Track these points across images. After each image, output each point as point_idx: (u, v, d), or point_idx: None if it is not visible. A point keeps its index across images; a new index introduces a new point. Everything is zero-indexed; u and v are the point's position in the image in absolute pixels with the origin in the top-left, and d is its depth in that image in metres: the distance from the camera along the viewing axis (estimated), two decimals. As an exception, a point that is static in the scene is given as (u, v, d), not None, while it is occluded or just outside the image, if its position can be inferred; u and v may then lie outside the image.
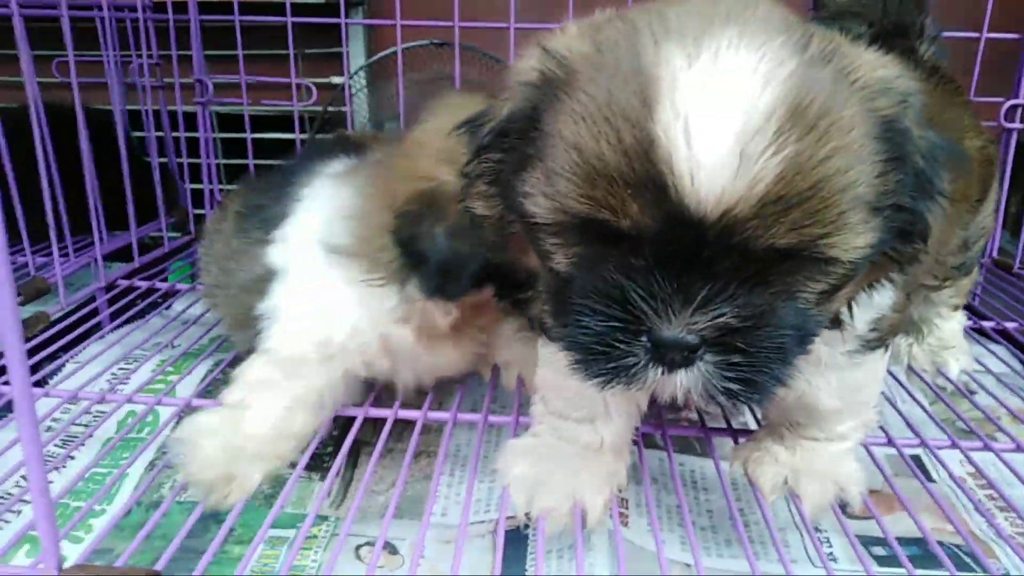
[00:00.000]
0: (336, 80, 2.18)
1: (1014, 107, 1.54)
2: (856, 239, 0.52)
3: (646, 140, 0.50)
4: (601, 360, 0.57)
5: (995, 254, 1.62)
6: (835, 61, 0.54)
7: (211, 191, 1.73)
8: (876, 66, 0.57)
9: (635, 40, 0.54)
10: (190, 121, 1.69)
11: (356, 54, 2.17)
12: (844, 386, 0.78)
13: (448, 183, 0.84)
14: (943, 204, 0.58)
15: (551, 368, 0.83)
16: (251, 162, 1.73)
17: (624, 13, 0.60)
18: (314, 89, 1.70)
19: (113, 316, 1.38)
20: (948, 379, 1.17)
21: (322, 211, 0.95)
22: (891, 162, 0.54)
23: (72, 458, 1.01)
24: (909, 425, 1.01)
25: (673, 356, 0.55)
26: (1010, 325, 1.35)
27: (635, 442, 0.92)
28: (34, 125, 1.21)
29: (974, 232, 1.02)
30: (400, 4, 1.58)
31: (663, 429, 0.97)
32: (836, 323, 0.66)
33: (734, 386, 0.56)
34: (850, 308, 0.66)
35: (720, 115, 0.49)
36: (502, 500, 0.83)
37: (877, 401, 0.87)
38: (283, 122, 1.79)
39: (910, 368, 1.20)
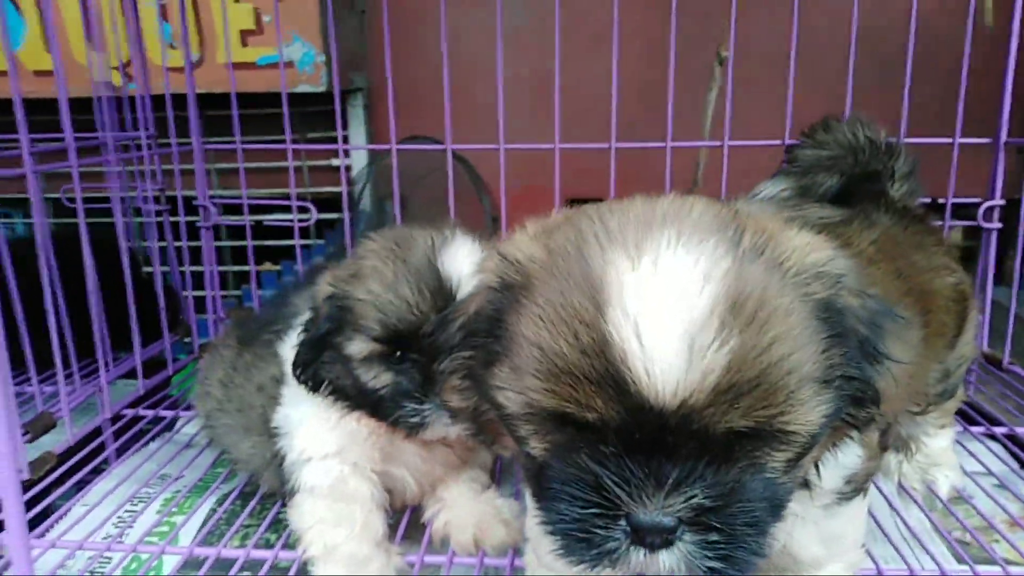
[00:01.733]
0: (336, 163, 2.27)
1: (991, 208, 1.59)
2: (809, 414, 0.56)
3: (601, 340, 0.54)
4: (583, 545, 0.60)
5: (985, 347, 1.65)
6: (768, 252, 0.59)
7: (215, 320, 1.78)
8: (808, 251, 0.61)
9: (582, 246, 0.60)
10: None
11: (357, 135, 2.28)
12: (825, 535, 0.81)
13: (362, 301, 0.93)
14: (890, 367, 0.63)
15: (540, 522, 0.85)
16: (252, 269, 1.78)
17: (573, 217, 0.65)
18: (313, 210, 1.75)
19: (119, 448, 1.41)
20: (937, 496, 1.19)
21: None
22: (833, 339, 0.59)
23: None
24: (896, 549, 1.03)
25: (653, 539, 0.57)
26: (998, 430, 1.37)
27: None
28: (41, 259, 1.25)
29: (953, 363, 1.05)
30: (395, 125, 1.65)
31: None
32: (804, 485, 0.70)
33: (716, 564, 0.58)
34: (816, 469, 0.69)
35: (666, 313, 0.54)
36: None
37: (862, 540, 0.88)
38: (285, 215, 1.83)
39: (900, 485, 1.21)
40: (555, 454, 0.61)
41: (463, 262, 0.91)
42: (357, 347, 0.93)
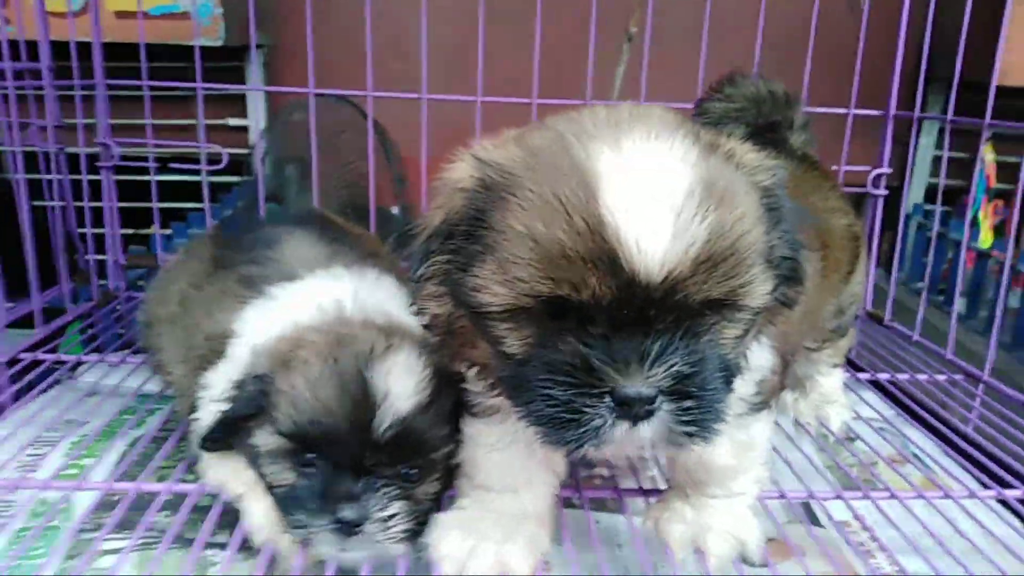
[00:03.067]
0: (233, 122, 2.19)
1: (879, 175, 1.73)
2: (762, 286, 0.64)
3: (596, 222, 0.59)
4: (570, 426, 0.65)
5: (869, 307, 1.79)
6: (720, 148, 0.68)
7: (115, 261, 1.69)
8: (747, 151, 0.71)
9: (563, 143, 0.64)
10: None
11: (255, 95, 2.19)
12: (737, 445, 0.88)
13: None
14: (807, 254, 0.72)
15: (475, 444, 0.88)
16: (155, 206, 1.71)
17: (540, 125, 0.70)
18: (225, 155, 1.69)
19: (16, 393, 1.33)
20: (829, 430, 1.29)
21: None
22: (774, 222, 0.67)
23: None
24: (797, 475, 1.12)
25: (637, 410, 0.63)
26: (882, 376, 1.50)
27: (555, 505, 0.98)
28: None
29: (846, 299, 1.15)
30: (312, 73, 1.61)
31: (580, 491, 1.04)
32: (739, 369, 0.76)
33: (691, 428, 0.65)
34: (745, 358, 0.76)
35: (652, 193, 0.60)
36: (433, 571, 0.87)
37: (766, 457, 0.96)
38: (184, 162, 1.76)
39: (796, 421, 1.32)
40: (536, 345, 0.66)
41: (396, 377, 0.84)
42: (264, 439, 0.87)
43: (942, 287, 2.11)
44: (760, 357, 0.79)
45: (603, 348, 0.62)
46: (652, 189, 0.60)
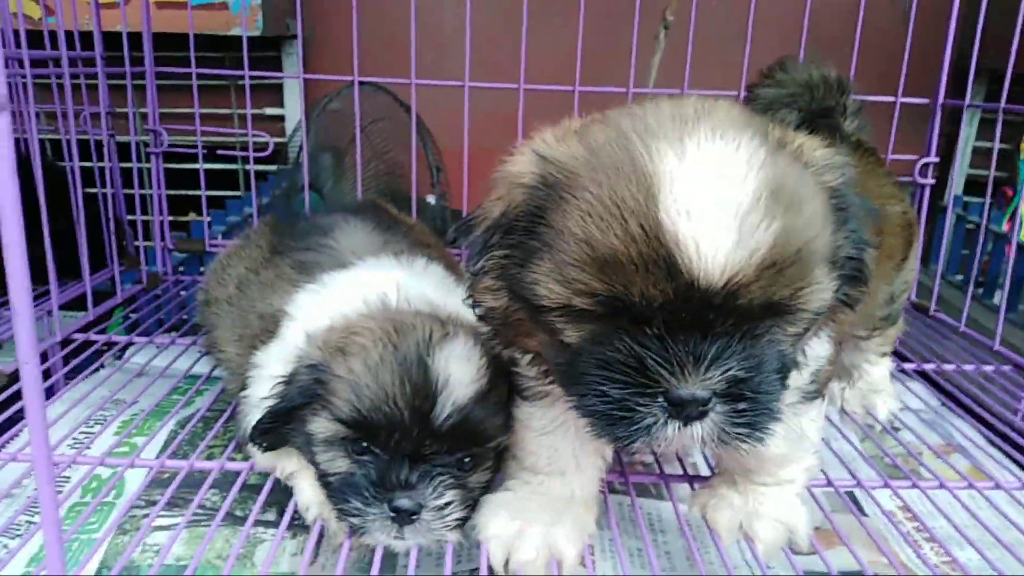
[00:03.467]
0: (270, 111, 2.21)
1: (926, 164, 1.69)
2: (825, 290, 0.63)
3: (654, 226, 0.59)
4: (623, 423, 0.65)
5: (913, 297, 1.77)
6: (788, 146, 0.65)
7: (163, 245, 1.73)
8: (815, 147, 0.68)
9: (625, 142, 0.63)
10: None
11: (290, 85, 2.21)
12: (789, 434, 0.86)
13: None
14: (872, 253, 0.70)
15: (525, 427, 0.89)
16: (204, 194, 1.74)
17: (603, 119, 0.68)
18: (271, 143, 1.71)
19: (68, 375, 1.36)
20: (876, 420, 1.28)
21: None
22: (840, 223, 0.66)
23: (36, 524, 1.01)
24: (843, 464, 1.11)
25: (690, 411, 0.63)
26: (928, 367, 1.48)
27: (600, 489, 0.98)
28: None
29: (898, 287, 1.14)
30: (340, 64, 1.61)
31: (625, 476, 1.04)
32: (796, 365, 0.75)
33: (743, 430, 0.65)
34: (804, 353, 0.75)
35: (716, 199, 0.59)
36: (481, 553, 0.88)
37: (817, 446, 0.95)
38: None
39: (843, 410, 1.30)
40: (593, 341, 0.65)
41: (456, 364, 0.83)
42: (321, 425, 0.85)
43: (980, 280, 2.06)
44: (819, 348, 0.78)
45: (658, 349, 0.62)
46: (715, 193, 0.59)
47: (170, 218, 1.92)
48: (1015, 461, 1.17)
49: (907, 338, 1.62)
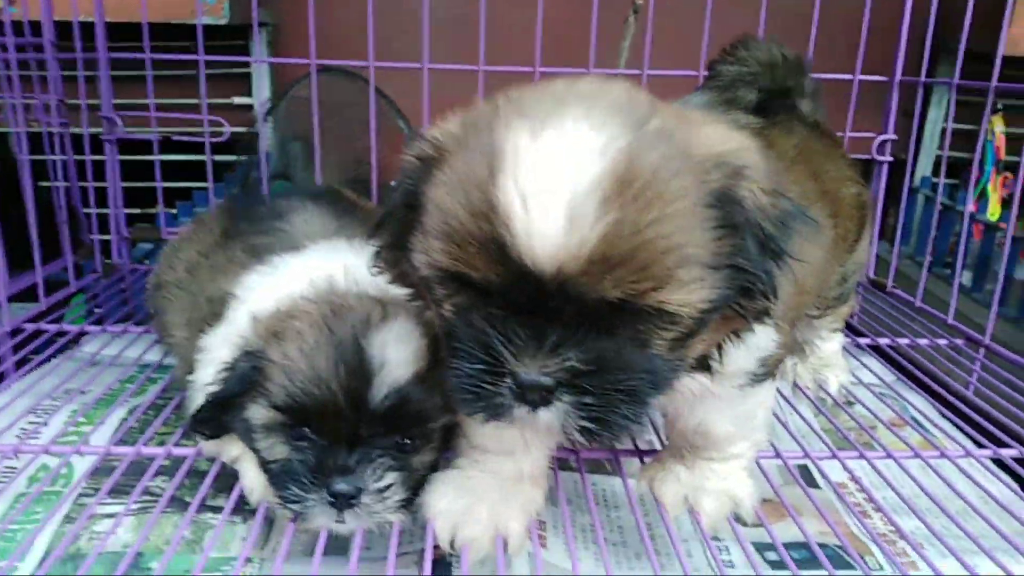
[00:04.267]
0: (239, 101, 2.18)
1: (884, 142, 1.71)
2: (690, 295, 0.60)
3: (489, 203, 0.58)
4: (475, 399, 0.65)
5: (872, 274, 1.78)
6: (674, 137, 0.61)
7: (118, 230, 1.70)
8: (716, 143, 0.63)
9: (493, 120, 0.62)
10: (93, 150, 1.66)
11: (260, 73, 2.18)
12: (737, 414, 0.87)
13: None
14: (791, 265, 0.66)
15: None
16: (159, 184, 1.71)
17: (496, 97, 0.67)
18: (227, 125, 1.69)
19: (18, 363, 1.34)
20: (828, 394, 1.29)
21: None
22: (726, 228, 0.61)
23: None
24: (794, 438, 1.12)
25: (532, 396, 0.62)
26: (882, 341, 1.50)
27: (550, 467, 0.98)
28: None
29: (851, 267, 1.14)
30: (315, 40, 1.60)
31: (576, 453, 1.04)
32: (705, 367, 0.75)
33: (589, 424, 0.64)
34: (720, 353, 0.73)
35: (552, 184, 0.57)
36: (427, 531, 0.87)
37: (766, 422, 0.95)
38: (189, 144, 1.77)
39: (795, 384, 1.31)
40: (458, 315, 0.66)
41: (393, 346, 0.82)
42: (258, 412, 0.84)
43: (949, 260, 2.09)
44: (762, 338, 0.76)
45: (503, 329, 0.61)
46: (554, 178, 0.56)
47: (136, 210, 1.89)
48: (965, 433, 1.18)
49: (863, 314, 1.64)
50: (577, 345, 0.60)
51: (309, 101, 1.67)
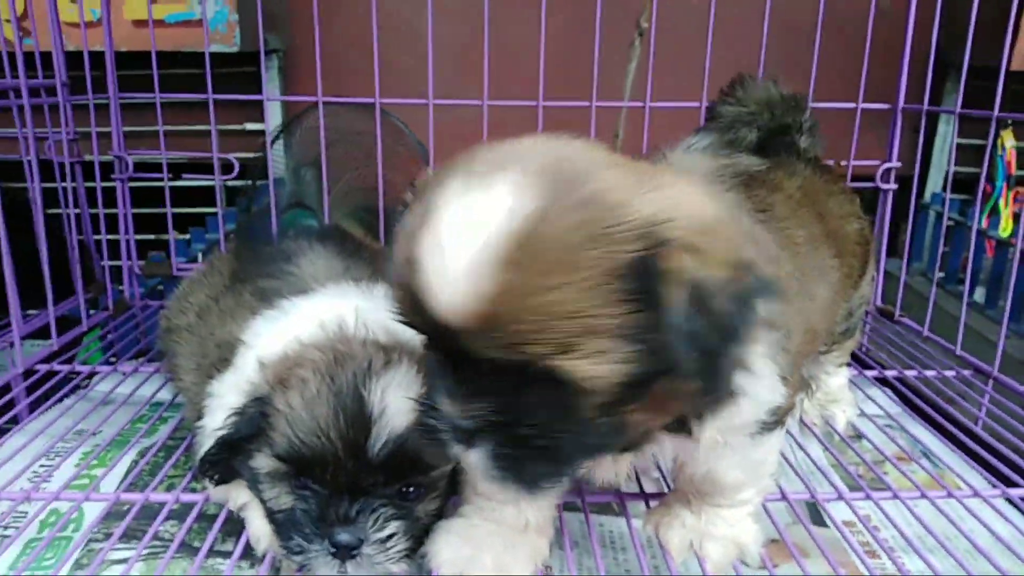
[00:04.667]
0: (251, 127, 2.21)
1: (888, 170, 1.71)
2: (595, 366, 0.58)
3: (414, 256, 0.61)
4: (426, 432, 0.71)
5: (879, 302, 1.78)
6: (594, 205, 0.59)
7: (129, 267, 1.72)
8: (649, 212, 0.59)
9: (442, 176, 0.64)
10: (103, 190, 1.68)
11: (271, 103, 2.20)
12: (747, 463, 0.87)
13: None
14: (749, 347, 0.63)
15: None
16: (172, 237, 1.74)
17: (466, 154, 0.68)
18: (235, 164, 1.72)
19: (32, 405, 1.36)
20: (835, 430, 1.29)
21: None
22: (641, 301, 0.58)
23: (-8, 562, 1.00)
24: (800, 477, 1.11)
25: (459, 436, 0.67)
26: (889, 373, 1.49)
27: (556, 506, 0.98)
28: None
29: (856, 302, 1.15)
30: (321, 78, 1.62)
31: (583, 496, 1.04)
32: (685, 431, 0.74)
33: (500, 472, 0.66)
34: (700, 418, 0.72)
35: (459, 241, 0.59)
36: (432, 581, 0.88)
37: (774, 468, 0.95)
38: (202, 168, 1.79)
39: (801, 421, 1.31)
40: (429, 356, 0.73)
41: (393, 393, 0.82)
42: (263, 461, 0.85)
43: (961, 277, 2.07)
44: (765, 393, 0.75)
45: (441, 375, 0.67)
46: (459, 239, 0.59)
47: (150, 236, 1.91)
48: (973, 469, 1.18)
49: (870, 344, 1.63)
50: (490, 395, 0.64)
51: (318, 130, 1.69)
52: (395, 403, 0.82)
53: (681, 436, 0.74)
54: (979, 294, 1.78)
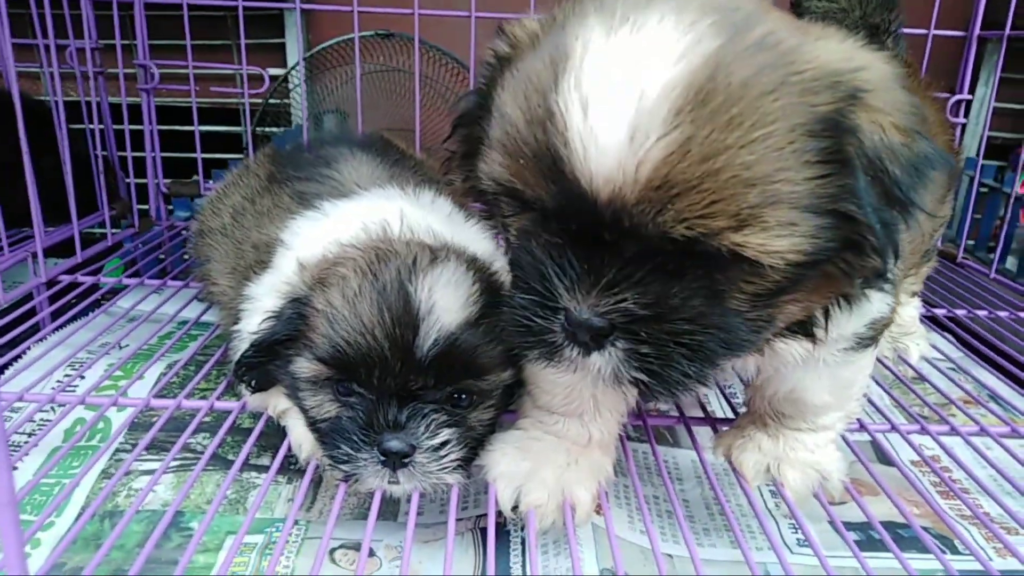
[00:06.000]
0: (274, 72, 2.12)
1: (958, 102, 1.59)
2: (776, 242, 0.49)
3: (547, 111, 0.50)
4: (525, 333, 0.57)
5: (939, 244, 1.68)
6: (778, 49, 0.50)
7: (156, 184, 1.65)
8: (834, 59, 0.51)
9: (571, 17, 0.54)
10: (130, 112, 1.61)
11: (292, 43, 2.10)
12: (836, 382, 0.79)
13: None
14: (919, 218, 0.54)
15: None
16: (199, 156, 1.66)
17: None
18: (266, 76, 1.63)
19: (54, 315, 1.29)
20: (909, 364, 1.20)
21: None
22: (833, 164, 0.50)
23: (15, 468, 0.94)
24: (878, 409, 1.03)
25: (584, 337, 0.55)
26: (960, 312, 1.40)
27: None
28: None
29: (939, 221, 1.06)
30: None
31: (644, 420, 0.97)
32: (808, 333, 0.65)
33: (641, 376, 0.56)
34: (826, 319, 0.63)
35: (618, 90, 0.48)
36: (488, 495, 0.81)
37: (863, 392, 0.87)
38: (225, 114, 1.71)
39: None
40: (520, 239, 0.59)
41: (442, 290, 0.75)
42: (303, 365, 0.78)
43: (991, 245, 1.93)
44: (877, 304, 0.68)
45: (559, 260, 0.53)
46: (620, 84, 0.47)
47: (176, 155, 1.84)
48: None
49: (932, 284, 1.54)
50: (637, 286, 0.52)
51: (342, 73, 1.59)
52: (444, 300, 0.75)
53: (801, 341, 0.66)
54: (1010, 263, 1.67)
